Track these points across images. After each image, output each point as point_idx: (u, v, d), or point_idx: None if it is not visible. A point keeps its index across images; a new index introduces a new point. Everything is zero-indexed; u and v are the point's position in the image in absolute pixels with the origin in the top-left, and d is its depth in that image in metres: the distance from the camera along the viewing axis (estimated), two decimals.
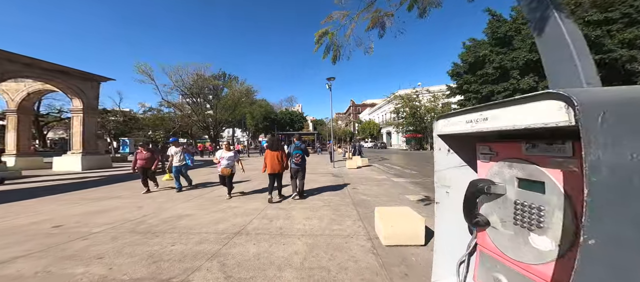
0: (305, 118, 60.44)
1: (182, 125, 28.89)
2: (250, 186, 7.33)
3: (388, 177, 8.74)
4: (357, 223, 3.82)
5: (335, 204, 4.99)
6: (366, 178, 8.51)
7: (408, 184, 7.26)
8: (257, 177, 8.78)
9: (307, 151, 5.78)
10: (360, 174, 9.46)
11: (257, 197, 5.81)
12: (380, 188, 6.64)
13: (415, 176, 9.23)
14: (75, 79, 10.18)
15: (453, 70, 20.89)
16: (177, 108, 24.16)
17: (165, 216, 4.29)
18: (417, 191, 6.27)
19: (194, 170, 11.20)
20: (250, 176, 9.06)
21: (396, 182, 7.54)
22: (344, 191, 6.41)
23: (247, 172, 9.10)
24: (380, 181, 7.94)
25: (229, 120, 28.50)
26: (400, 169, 11.34)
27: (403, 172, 10.20)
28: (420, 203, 5.00)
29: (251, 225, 3.76)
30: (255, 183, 7.69)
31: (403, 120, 31.28)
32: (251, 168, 11.38)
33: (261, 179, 8.15)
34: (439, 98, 29.23)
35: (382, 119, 48.12)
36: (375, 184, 7.24)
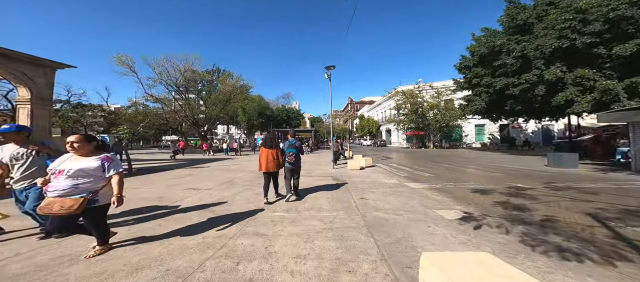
0: (302, 115, 58.80)
1: (170, 122, 27.05)
2: (213, 197, 5.72)
3: (400, 181, 7.22)
4: (381, 268, 2.29)
5: (339, 227, 3.45)
6: (374, 183, 6.99)
7: (430, 192, 5.74)
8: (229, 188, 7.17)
9: (302, 149, 5.22)
10: (366, 178, 7.93)
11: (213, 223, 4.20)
12: (396, 198, 5.11)
13: (431, 179, 7.73)
14: (20, 63, 8.39)
15: (461, 64, 19.44)
16: (163, 103, 22.28)
17: None
18: (448, 203, 4.75)
19: (167, 172, 9.58)
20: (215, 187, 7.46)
21: (414, 190, 6.02)
22: (349, 202, 4.87)
23: (211, 186, 7.51)
24: (392, 187, 6.42)
25: (220, 116, 26.73)
26: (411, 171, 9.85)
27: (416, 175, 8.70)
28: (467, 225, 3.47)
29: (199, 277, 2.17)
30: (225, 193, 6.09)
31: (405, 117, 29.84)
32: (210, 178, 9.78)
33: (224, 190, 6.55)
34: (442, 94, 27.88)
35: (381, 116, 46.72)
36: (388, 192, 5.71)
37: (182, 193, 5.73)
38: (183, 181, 7.48)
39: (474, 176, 8.06)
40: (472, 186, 6.44)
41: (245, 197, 5.26)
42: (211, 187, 6.42)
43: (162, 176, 8.56)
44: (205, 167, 11.16)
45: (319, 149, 28.94)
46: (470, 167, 10.55)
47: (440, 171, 9.72)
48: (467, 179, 7.49)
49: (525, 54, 11.60)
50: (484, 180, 7.33)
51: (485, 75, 16.38)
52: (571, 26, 10.26)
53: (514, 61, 12.12)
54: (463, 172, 9.19)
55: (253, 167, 10.91)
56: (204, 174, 8.99)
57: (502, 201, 4.83)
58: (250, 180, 7.53)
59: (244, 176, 8.45)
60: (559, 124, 30.10)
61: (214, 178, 7.90)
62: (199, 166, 11.89)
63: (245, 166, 11.81)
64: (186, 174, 8.74)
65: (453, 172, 9.09)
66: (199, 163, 13.46)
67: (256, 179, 7.65)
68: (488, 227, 3.42)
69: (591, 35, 9.95)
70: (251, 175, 8.61)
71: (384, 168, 10.74)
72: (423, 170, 9.97)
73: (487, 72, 16.46)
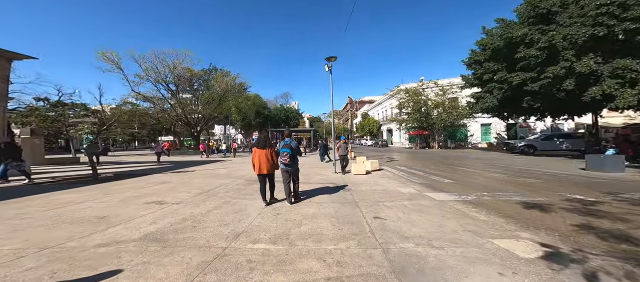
0: (301, 115, 57.48)
1: (162, 121, 25.65)
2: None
3: (419, 191, 5.88)
4: None
5: (353, 273, 2.10)
6: (387, 193, 5.66)
7: (466, 208, 4.40)
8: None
9: (298, 149, 4.66)
10: (375, 185, 6.60)
11: None
12: (424, 217, 3.78)
13: (456, 187, 6.40)
14: None
15: (470, 59, 18.14)
16: (152, 102, 20.83)
17: None
18: (504, 226, 3.40)
19: (144, 177, 8.15)
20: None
21: (443, 203, 4.69)
22: (360, 223, 3.54)
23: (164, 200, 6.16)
24: (411, 198, 5.08)
25: (214, 116, 25.34)
26: (424, 175, 8.52)
27: (432, 181, 7.36)
28: (567, 273, 2.11)
29: None
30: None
31: (408, 116, 28.53)
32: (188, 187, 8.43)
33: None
34: (447, 91, 26.60)
35: (382, 115, 45.46)
36: (409, 207, 4.38)
37: (138, 209, 4.36)
38: (152, 190, 6.11)
39: (507, 184, 6.71)
40: (515, 197, 5.09)
41: (220, 218, 3.91)
42: (182, 199, 5.06)
43: (132, 183, 7.19)
44: (188, 172, 9.79)
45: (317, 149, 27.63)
46: (492, 171, 9.22)
47: (458, 175, 8.39)
48: (501, 188, 6.15)
49: (553, 45, 10.28)
50: (524, 189, 5.99)
51: (499, 70, 15.08)
52: (609, 11, 8.98)
53: (538, 53, 10.78)
54: (488, 177, 7.86)
55: (244, 172, 9.56)
56: (183, 180, 7.63)
57: (581, 224, 3.48)
58: (235, 189, 6.17)
59: (230, 183, 7.09)
60: (569, 123, 28.91)
61: (192, 186, 6.54)
62: (182, 170, 10.52)
63: (236, 170, 10.45)
64: (161, 181, 7.36)
65: (476, 177, 7.76)
66: (186, 166, 12.09)
67: (243, 188, 6.30)
68: (609, 277, 2.06)
69: (634, 21, 8.67)
70: (239, 182, 7.25)
71: (392, 172, 9.41)
72: (438, 174, 8.64)
73: (501, 66, 15.16)
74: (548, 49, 10.60)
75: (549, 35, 10.51)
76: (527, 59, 11.49)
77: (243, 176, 8.53)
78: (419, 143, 30.95)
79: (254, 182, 7.06)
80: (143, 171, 10.28)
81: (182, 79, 23.04)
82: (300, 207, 4.53)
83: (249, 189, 6.15)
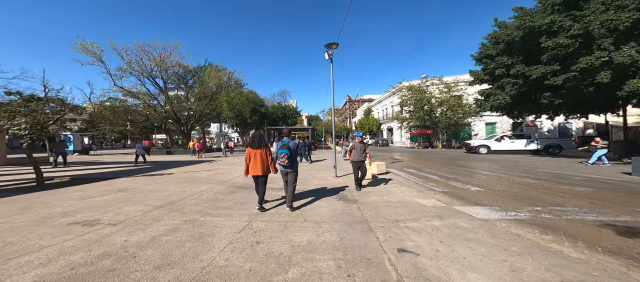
0: (299, 113, 56.16)
1: (151, 119, 24.13)
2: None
3: (446, 203, 4.59)
4: None
5: None
6: (404, 205, 4.37)
7: (529, 232, 3.11)
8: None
9: (296, 150, 4.17)
10: (386, 193, 5.31)
11: None
12: (475, 251, 2.48)
13: (492, 198, 5.11)
14: None
15: (481, 53, 16.84)
16: (136, 97, 19.28)
17: None
18: (621, 271, 2.09)
19: (106, 181, 6.67)
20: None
21: (489, 223, 3.39)
22: (380, 262, 2.25)
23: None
24: (439, 214, 3.80)
25: (206, 113, 23.88)
26: (441, 180, 7.23)
27: (455, 188, 6.08)
28: None
29: None
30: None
31: (412, 114, 27.25)
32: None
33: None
34: (452, 88, 25.35)
35: (382, 114, 44.22)
36: (445, 231, 3.08)
37: (51, 234, 3.01)
38: (95, 202, 4.73)
39: (554, 193, 5.38)
40: (588, 216, 3.76)
41: (166, 251, 2.57)
42: (126, 218, 3.71)
43: (79, 192, 5.80)
44: (164, 175, 8.42)
45: (316, 149, 26.30)
46: (519, 175, 7.95)
47: (482, 180, 7.11)
48: (553, 200, 4.81)
49: (589, 32, 8.97)
50: (583, 200, 4.69)
51: (514, 63, 13.84)
52: None
53: (570, 41, 9.48)
54: (521, 183, 6.57)
55: (231, 176, 8.24)
56: (149, 187, 6.25)
57: None
58: (210, 200, 4.84)
59: (207, 191, 5.75)
60: (578, 122, 27.86)
61: (156, 196, 5.19)
62: (158, 173, 9.14)
63: (223, 172, 9.11)
64: (120, 189, 5.97)
65: (505, 184, 6.48)
66: (166, 168, 10.70)
67: (222, 198, 4.98)
68: None
69: None
70: (219, 190, 5.92)
71: (401, 176, 8.12)
72: (457, 179, 7.35)
73: (516, 60, 13.92)
74: (582, 36, 9.30)
75: (585, 21, 9.16)
76: (554, 49, 10.19)
77: (227, 180, 7.19)
78: (421, 142, 29.73)
79: (238, 190, 5.74)
80: (110, 173, 8.88)
81: (173, 74, 21.54)
82: (290, 229, 3.23)
83: (228, 200, 4.83)
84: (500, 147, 15.98)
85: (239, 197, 5.03)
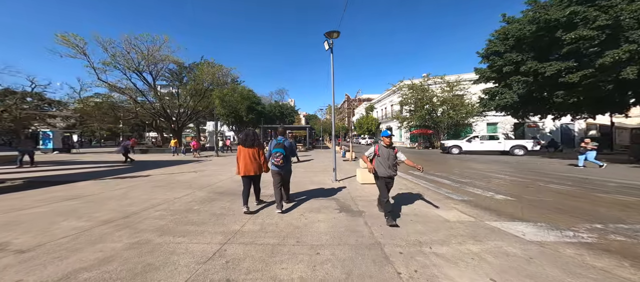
0: (297, 112, 55.19)
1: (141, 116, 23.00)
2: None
3: (474, 217, 3.70)
4: None
5: None
6: (422, 220, 3.48)
7: (616, 267, 2.21)
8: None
9: (293, 150, 4.20)
10: (397, 204, 4.40)
11: None
12: None
13: (529, 210, 4.23)
14: None
15: (488, 49, 16.04)
16: (122, 92, 18.10)
17: None
18: None
19: (70, 185, 5.60)
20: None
21: (548, 248, 2.50)
22: None
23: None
24: (471, 232, 2.92)
25: (199, 110, 22.81)
26: (456, 186, 6.36)
27: (477, 197, 5.20)
28: None
29: None
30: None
31: (412, 113, 26.43)
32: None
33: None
34: (454, 87, 24.58)
35: (381, 113, 43.47)
36: (490, 261, 2.19)
37: None
38: (28, 215, 3.75)
39: (597, 203, 4.52)
40: None
41: None
42: (52, 238, 2.76)
43: (19, 198, 4.80)
44: (138, 178, 7.40)
45: (314, 148, 25.38)
46: (543, 180, 7.12)
47: (503, 185, 6.25)
48: (607, 215, 3.97)
49: (618, 22, 8.15)
50: None
51: (525, 60, 13.06)
52: None
53: (595, 33, 8.66)
54: (554, 191, 5.71)
55: (216, 179, 7.30)
56: (109, 193, 5.25)
57: None
58: (181, 211, 3.89)
59: (182, 198, 4.80)
60: (581, 123, 27.34)
61: (110, 207, 4.19)
62: (133, 174, 8.11)
63: (208, 175, 8.15)
64: (72, 195, 4.95)
65: (537, 192, 5.61)
66: (145, 169, 9.69)
67: (196, 208, 4.03)
68: None
69: None
70: (197, 197, 4.98)
71: (409, 180, 7.23)
72: (474, 184, 6.48)
73: (526, 56, 13.14)
74: (610, 27, 8.46)
75: (615, 10, 8.30)
76: (575, 42, 9.36)
77: (211, 184, 6.24)
78: (421, 143, 28.98)
79: (220, 197, 4.80)
80: (78, 175, 7.80)
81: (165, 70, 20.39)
82: (277, 256, 2.32)
83: (204, 211, 3.89)
84: (471, 147, 16.47)
85: (219, 208, 4.10)
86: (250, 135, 3.70)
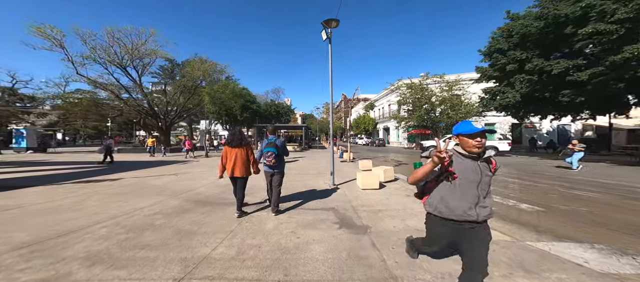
0: (293, 111, 54.28)
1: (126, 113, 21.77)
2: None
3: (511, 235, 2.96)
4: None
5: None
6: None
7: None
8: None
9: (285, 149, 3.80)
10: (409, 217, 3.65)
11: None
12: None
13: (572, 226, 3.54)
14: None
15: (491, 47, 15.55)
16: (103, 88, 16.88)
17: None
18: None
19: (11, 192, 4.63)
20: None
21: None
22: None
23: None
24: (522, 263, 2.17)
25: (189, 107, 21.73)
26: None
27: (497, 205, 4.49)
28: None
29: None
30: None
31: (411, 113, 25.86)
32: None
33: None
34: (452, 87, 24.13)
35: (379, 113, 42.96)
36: None
37: None
38: None
39: (637, 213, 3.92)
40: None
41: None
42: None
43: None
44: (101, 182, 6.46)
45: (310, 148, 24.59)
46: (565, 188, 6.50)
47: (524, 193, 5.58)
48: None
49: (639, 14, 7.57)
50: None
51: (530, 58, 12.56)
52: None
53: (614, 27, 8.09)
54: (582, 199, 5.07)
55: (196, 184, 6.46)
56: (55, 203, 4.35)
57: None
58: (133, 230, 3.05)
59: (143, 210, 3.96)
60: (577, 124, 27.29)
61: (42, 222, 3.31)
62: (97, 178, 7.15)
63: (187, 179, 7.29)
64: (4, 206, 4.03)
65: (565, 200, 4.92)
66: (120, 170, 8.74)
67: (156, 227, 3.20)
68: None
69: None
70: (166, 206, 4.14)
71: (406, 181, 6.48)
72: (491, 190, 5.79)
73: (531, 54, 12.66)
74: (631, 21, 7.90)
75: (637, 1, 7.70)
76: (589, 38, 8.81)
77: (188, 190, 5.38)
78: (419, 143, 28.53)
79: (194, 208, 3.96)
80: (35, 179, 6.79)
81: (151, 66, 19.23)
82: None
83: (167, 228, 3.06)
84: (448, 148, 17.08)
85: (189, 222, 3.27)
86: (236, 134, 3.52)
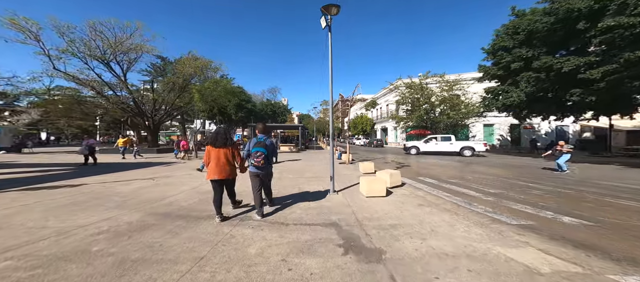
0: (289, 111, 53.37)
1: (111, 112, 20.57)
2: None
3: (578, 265, 2.19)
4: None
5: None
6: (481, 267, 1.92)
7: None
8: None
9: (274, 149, 3.74)
10: (430, 236, 2.85)
11: None
12: None
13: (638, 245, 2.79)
14: None
15: (494, 45, 15.02)
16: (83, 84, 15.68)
17: None
18: None
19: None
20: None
21: None
22: None
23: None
24: None
25: (178, 105, 20.66)
26: (490, 200, 4.92)
27: (530, 217, 3.77)
28: None
29: None
30: None
31: (410, 113, 25.25)
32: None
33: None
34: (453, 86, 23.62)
35: (376, 113, 42.40)
36: None
37: None
38: None
39: None
40: None
41: None
42: None
43: None
44: (56, 189, 5.53)
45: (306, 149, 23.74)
46: (594, 193, 5.84)
47: (550, 199, 4.87)
48: None
49: None
50: None
51: (537, 56, 12.03)
52: None
53: (637, 20, 7.54)
54: (619, 207, 4.36)
55: (177, 190, 5.61)
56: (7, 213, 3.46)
57: None
58: (56, 260, 2.19)
59: (86, 229, 3.11)
60: (576, 125, 27.14)
61: None
62: (58, 183, 6.23)
63: (164, 184, 6.42)
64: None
65: (611, 212, 4.25)
66: (88, 174, 7.79)
67: (92, 257, 2.31)
68: None
69: None
70: (122, 222, 3.28)
71: (426, 190, 5.74)
72: (507, 197, 5.07)
73: (538, 52, 12.12)
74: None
75: None
76: (607, 32, 8.26)
77: (160, 199, 4.51)
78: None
79: (159, 222, 3.08)
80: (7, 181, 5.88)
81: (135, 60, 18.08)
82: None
83: (107, 256, 2.21)
84: (428, 148, 17.35)
85: (142, 246, 2.43)
86: (220, 133, 3.32)
